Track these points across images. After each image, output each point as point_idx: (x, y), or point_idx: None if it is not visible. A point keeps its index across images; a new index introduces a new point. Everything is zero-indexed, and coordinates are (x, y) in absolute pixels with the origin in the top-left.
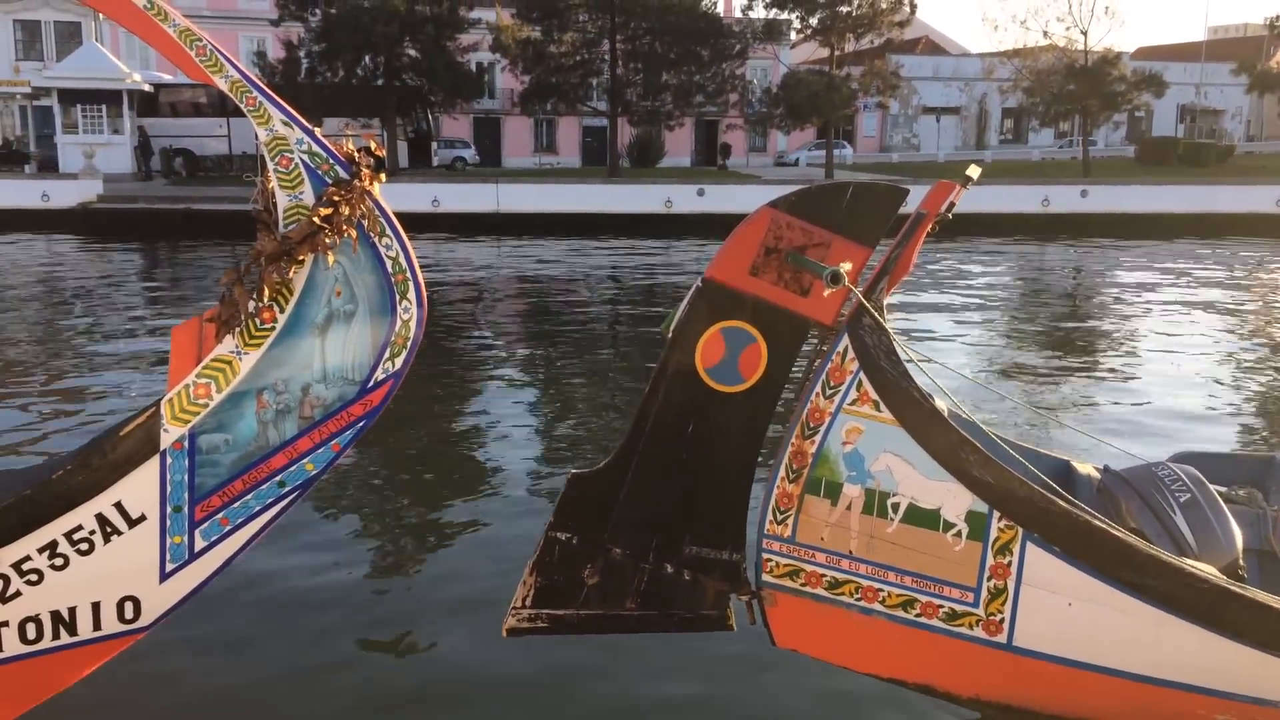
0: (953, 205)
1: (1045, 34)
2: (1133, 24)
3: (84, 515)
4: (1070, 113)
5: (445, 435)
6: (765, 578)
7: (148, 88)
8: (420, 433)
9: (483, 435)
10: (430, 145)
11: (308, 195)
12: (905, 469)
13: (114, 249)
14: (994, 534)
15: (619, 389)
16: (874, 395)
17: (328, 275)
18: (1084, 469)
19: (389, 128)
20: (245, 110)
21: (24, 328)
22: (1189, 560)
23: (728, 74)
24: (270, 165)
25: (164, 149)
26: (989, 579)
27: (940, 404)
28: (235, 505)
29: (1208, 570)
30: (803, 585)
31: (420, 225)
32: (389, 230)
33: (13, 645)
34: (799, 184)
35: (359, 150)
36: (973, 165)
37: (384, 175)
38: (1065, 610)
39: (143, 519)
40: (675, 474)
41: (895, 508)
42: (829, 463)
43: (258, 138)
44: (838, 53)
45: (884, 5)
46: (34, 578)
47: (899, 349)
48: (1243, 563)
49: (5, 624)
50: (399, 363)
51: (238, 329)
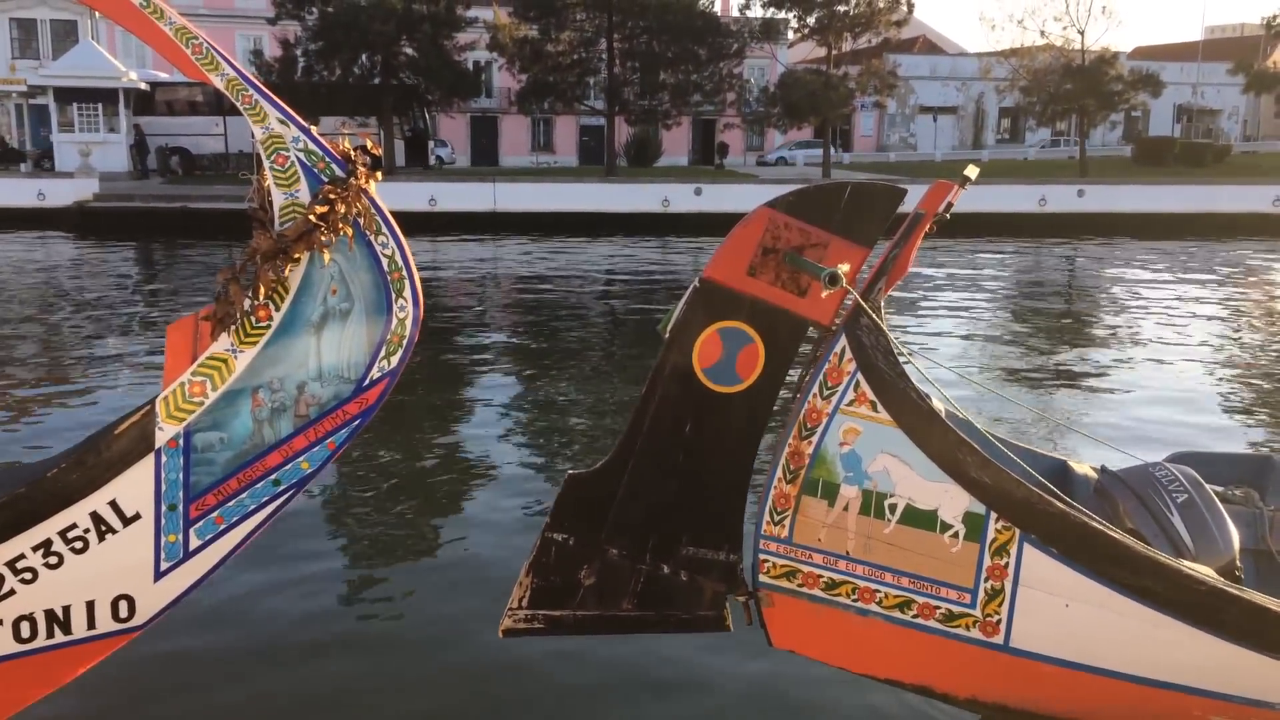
0: (950, 205)
1: (1042, 33)
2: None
3: (79, 513)
4: (1067, 112)
5: (441, 435)
6: (762, 578)
7: (144, 86)
8: (415, 432)
9: (479, 435)
10: (427, 144)
11: (303, 193)
12: (902, 470)
13: (110, 248)
14: (991, 535)
15: (616, 389)
16: (871, 396)
17: (323, 273)
18: (1081, 469)
19: (386, 126)
20: (241, 108)
21: (19, 326)
22: (1186, 561)
23: (725, 73)
24: (266, 163)
25: (160, 147)
26: (986, 580)
27: (938, 404)
28: (230, 504)
29: (1204, 571)
30: (800, 586)
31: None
32: (385, 228)
33: (7, 644)
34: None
35: (355, 148)
36: (970, 165)
37: (380, 173)
38: (1062, 611)
39: (137, 517)
40: (672, 474)
41: (892, 508)
42: (826, 463)
43: (254, 136)
44: (835, 52)
45: (881, 4)
46: (28, 576)
47: (896, 349)
48: (1239, 563)
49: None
50: (394, 361)
51: (233, 327)
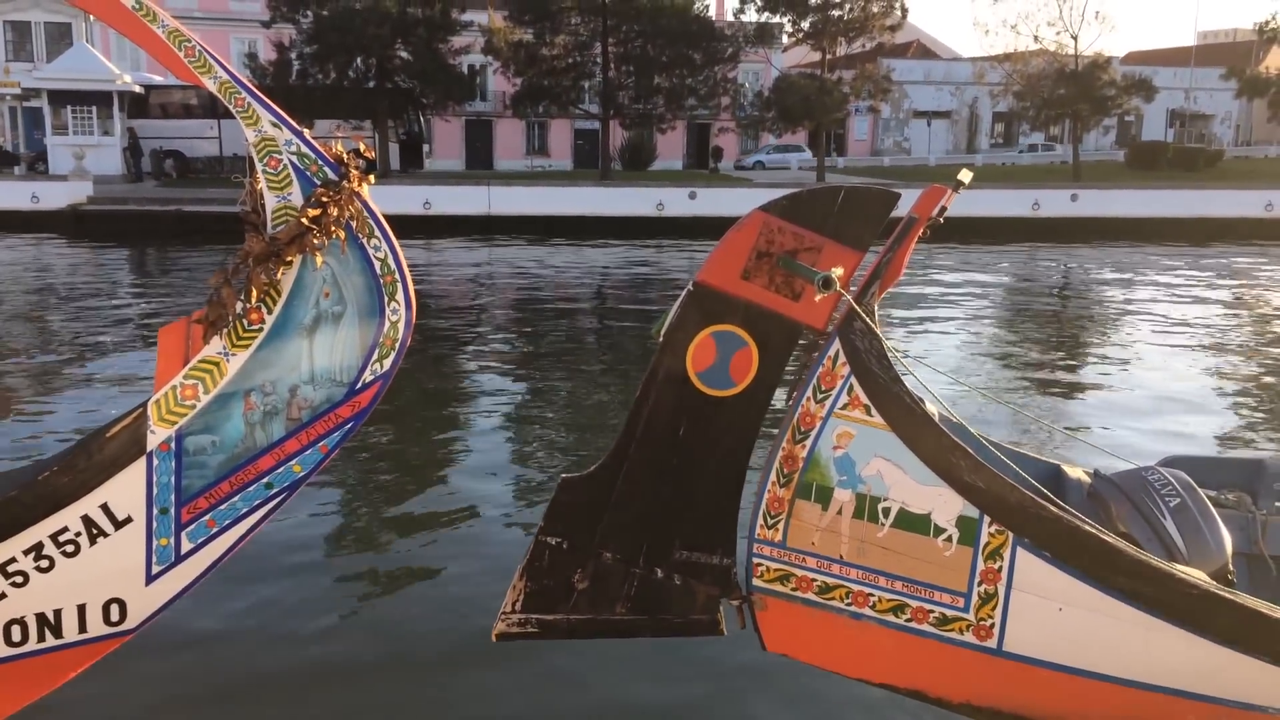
0: (944, 209)
1: (1036, 38)
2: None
3: (70, 517)
4: (1060, 117)
5: (433, 438)
6: (756, 582)
7: (138, 89)
8: (407, 435)
9: (472, 438)
10: (422, 148)
11: (296, 196)
12: (896, 474)
13: (103, 251)
14: (984, 539)
15: (610, 392)
16: (865, 400)
17: (316, 276)
18: (1074, 473)
19: (380, 130)
20: (234, 111)
21: (11, 329)
22: (1178, 565)
23: (720, 77)
24: (259, 166)
25: (154, 150)
26: (979, 584)
27: (931, 408)
28: (222, 507)
29: (1197, 575)
30: (793, 590)
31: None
32: (378, 232)
33: None
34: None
35: (348, 152)
36: (964, 169)
37: (373, 177)
38: (1055, 615)
39: (129, 521)
40: (666, 478)
41: (886, 512)
42: (820, 467)
43: (246, 139)
44: (829, 56)
45: (875, 9)
46: (19, 580)
47: (890, 353)
48: (1232, 567)
49: None
50: (387, 364)
51: (225, 330)
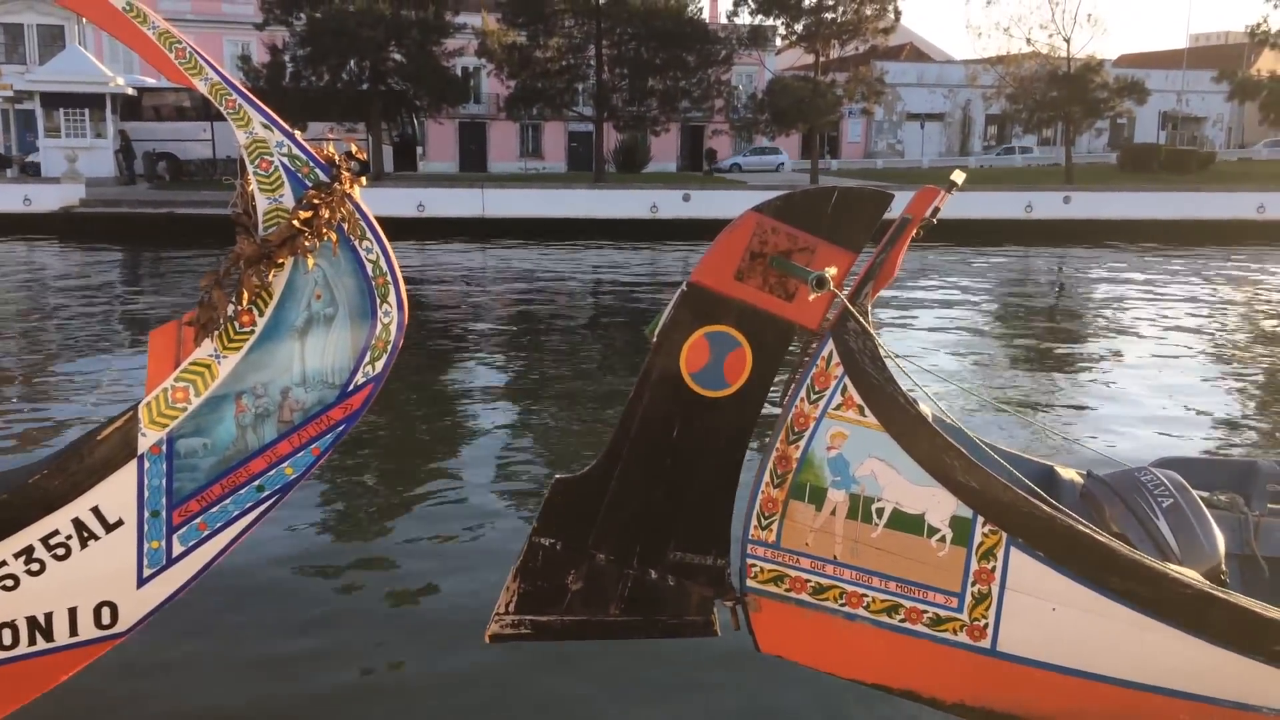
0: (937, 210)
1: (1028, 41)
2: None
3: (60, 520)
4: (1053, 119)
5: (427, 439)
6: (749, 583)
7: (131, 91)
8: (400, 437)
9: (466, 439)
10: (415, 150)
11: (287, 198)
12: (890, 474)
13: (95, 253)
14: (978, 539)
15: (604, 393)
16: (858, 400)
17: (307, 279)
18: (1068, 474)
19: (374, 133)
20: (225, 113)
21: (2, 331)
22: (1172, 565)
23: (713, 80)
24: (250, 168)
25: (147, 153)
26: (973, 584)
27: (925, 409)
28: (213, 510)
29: (1190, 575)
30: (787, 591)
31: (405, 230)
32: (369, 234)
33: None
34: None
35: (340, 154)
36: (957, 170)
37: (365, 178)
38: (1049, 615)
39: (120, 524)
40: (660, 479)
41: (880, 513)
42: (813, 468)
43: (238, 141)
44: (823, 59)
45: (868, 12)
46: (10, 583)
47: (884, 353)
48: (1225, 568)
49: None
50: (379, 366)
51: (217, 332)
